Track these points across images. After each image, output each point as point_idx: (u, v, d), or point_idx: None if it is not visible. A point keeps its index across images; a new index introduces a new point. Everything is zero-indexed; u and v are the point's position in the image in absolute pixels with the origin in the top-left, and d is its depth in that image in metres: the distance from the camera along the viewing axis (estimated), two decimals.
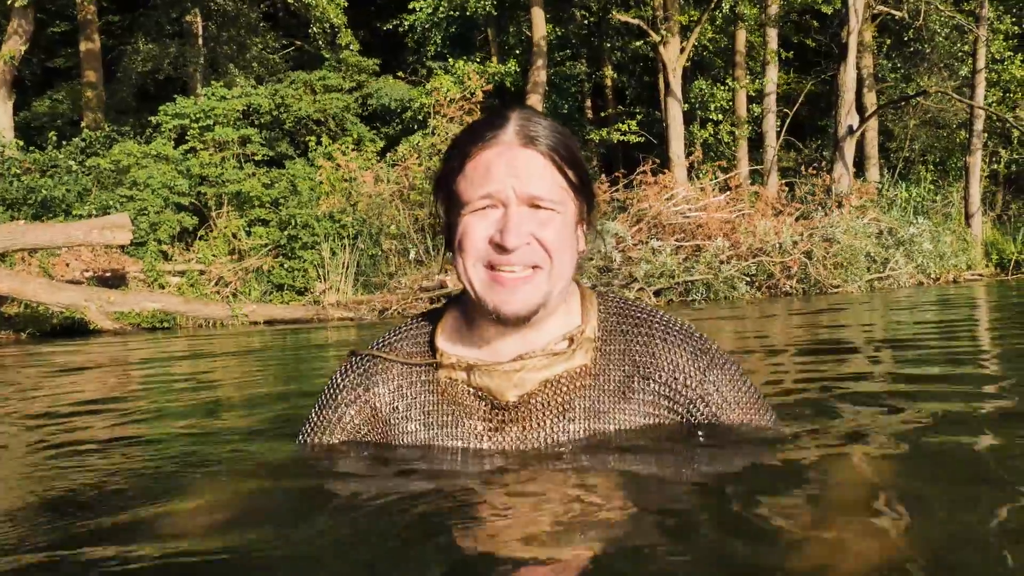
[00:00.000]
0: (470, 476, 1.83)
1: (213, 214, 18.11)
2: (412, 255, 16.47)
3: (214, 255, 17.09)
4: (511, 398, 1.94)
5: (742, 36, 23.80)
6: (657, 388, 1.95)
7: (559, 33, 26.26)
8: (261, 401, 4.03)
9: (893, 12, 21.90)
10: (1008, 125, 23.67)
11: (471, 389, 1.96)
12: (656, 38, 20.44)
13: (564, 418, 1.93)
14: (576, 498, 1.66)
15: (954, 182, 24.41)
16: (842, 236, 15.01)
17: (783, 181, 20.44)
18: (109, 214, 16.33)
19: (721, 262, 14.40)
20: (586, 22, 27.11)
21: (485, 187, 1.84)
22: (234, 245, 17.59)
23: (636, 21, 20.78)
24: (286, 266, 16.76)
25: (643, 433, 1.93)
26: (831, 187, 18.08)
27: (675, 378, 1.95)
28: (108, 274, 15.87)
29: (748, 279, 14.53)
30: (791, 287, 14.46)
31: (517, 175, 1.83)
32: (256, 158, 19.65)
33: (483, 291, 1.87)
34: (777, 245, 14.75)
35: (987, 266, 19.92)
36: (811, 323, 8.09)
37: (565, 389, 1.94)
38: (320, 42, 24.54)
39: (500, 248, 1.83)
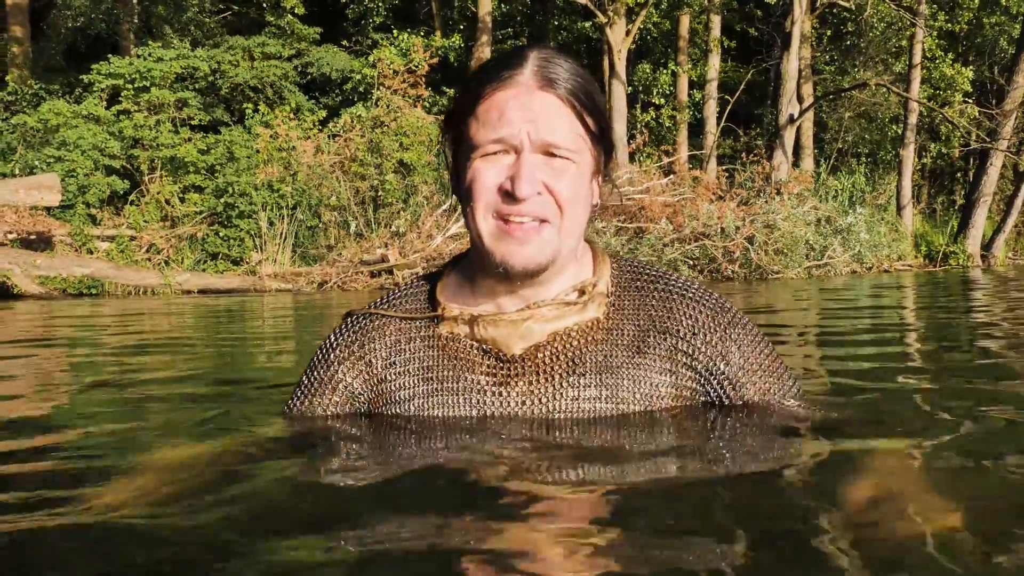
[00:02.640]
0: (470, 435, 1.72)
1: (146, 179, 17.55)
2: (353, 228, 16.21)
3: (145, 221, 16.58)
4: (517, 350, 1.82)
5: (686, 21, 23.93)
6: (674, 343, 1.84)
7: (504, 9, 26.06)
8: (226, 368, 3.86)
9: (839, 2, 22.19)
10: (938, 120, 24.26)
11: (475, 343, 1.84)
12: (603, 19, 20.40)
13: (574, 372, 1.81)
14: (581, 462, 1.57)
15: (884, 174, 24.97)
16: (783, 223, 15.20)
17: (721, 167, 20.65)
18: (35, 174, 15.73)
19: (664, 245, 14.47)
20: (529, 0, 26.96)
21: (498, 131, 1.71)
22: (167, 211, 17.08)
23: (583, 1, 20.70)
24: (221, 235, 16.33)
25: (658, 388, 1.81)
26: (770, 175, 18.30)
27: (694, 333, 1.84)
28: (33, 237, 15.27)
29: (691, 263, 14.63)
30: (733, 272, 14.60)
31: (533, 119, 1.70)
32: (192, 123, 19.09)
33: (491, 242, 1.74)
34: (720, 230, 14.87)
35: (916, 257, 20.43)
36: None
37: (576, 342, 1.82)
38: (264, 4, 23.90)
39: (510, 196, 1.71)
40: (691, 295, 1.88)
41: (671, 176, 17.10)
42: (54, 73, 23.03)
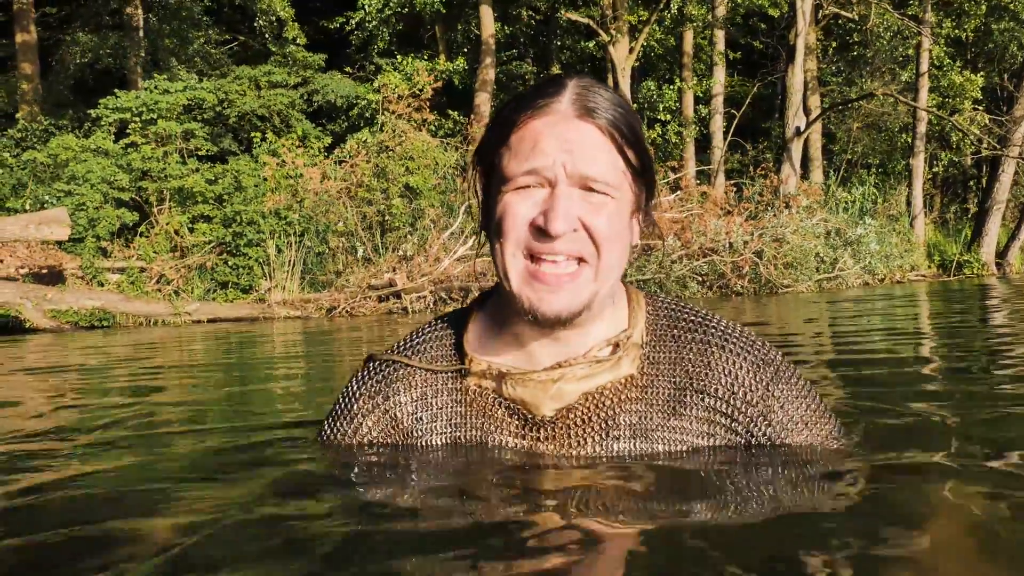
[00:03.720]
0: (497, 501, 1.60)
1: (154, 210, 17.62)
2: (360, 253, 16.21)
3: (155, 252, 16.62)
4: (547, 412, 1.72)
5: (690, 37, 23.94)
6: (713, 403, 1.73)
7: (507, 31, 26.17)
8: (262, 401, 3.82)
9: (843, 13, 22.17)
10: (949, 128, 24.14)
11: (502, 400, 1.74)
12: (606, 37, 20.45)
13: (607, 436, 1.71)
14: (614, 535, 1.45)
15: (896, 184, 24.85)
16: (792, 236, 15.10)
17: (729, 182, 20.58)
18: (45, 209, 15.82)
19: (672, 261, 14.39)
20: (532, 21, 27.06)
21: (531, 162, 1.59)
22: (176, 242, 17.13)
23: (586, 20, 20.76)
24: (230, 263, 16.37)
25: (696, 455, 1.71)
26: (779, 188, 18.21)
27: (734, 392, 1.73)
28: (44, 271, 15.34)
29: (699, 278, 14.55)
30: (742, 286, 14.50)
31: (570, 151, 1.58)
32: (200, 153, 19.20)
33: (519, 286, 1.63)
34: (728, 244, 14.79)
35: (930, 267, 20.27)
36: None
37: (609, 403, 1.71)
38: (267, 35, 24.10)
39: (543, 233, 1.59)
40: (731, 347, 1.76)
41: (678, 192, 17.04)
42: (63, 108, 23.24)
